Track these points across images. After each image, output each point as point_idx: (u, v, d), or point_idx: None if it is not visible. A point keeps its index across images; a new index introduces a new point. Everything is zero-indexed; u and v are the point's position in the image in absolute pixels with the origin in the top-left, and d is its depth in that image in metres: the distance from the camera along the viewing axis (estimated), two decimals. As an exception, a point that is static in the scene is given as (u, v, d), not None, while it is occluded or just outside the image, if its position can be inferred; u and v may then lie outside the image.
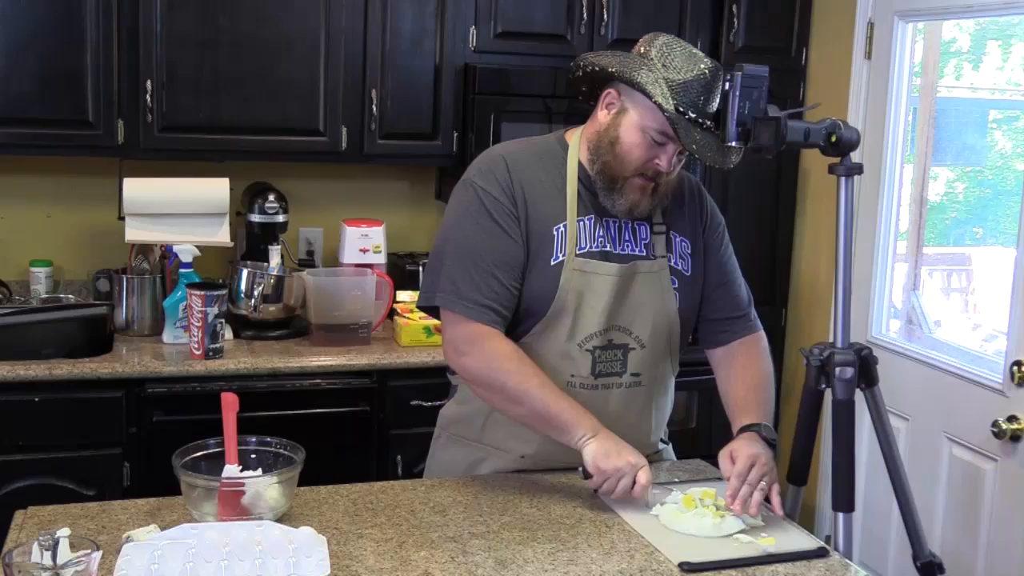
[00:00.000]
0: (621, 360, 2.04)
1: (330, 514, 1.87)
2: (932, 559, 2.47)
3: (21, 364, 2.78)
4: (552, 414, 1.91)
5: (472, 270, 1.95)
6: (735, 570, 1.72)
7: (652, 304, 2.05)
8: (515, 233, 1.96)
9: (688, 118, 1.90)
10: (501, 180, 1.98)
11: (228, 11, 3.11)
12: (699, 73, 1.91)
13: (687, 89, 1.90)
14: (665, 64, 1.91)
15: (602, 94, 2.00)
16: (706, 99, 1.92)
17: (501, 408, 2.00)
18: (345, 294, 3.15)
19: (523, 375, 1.92)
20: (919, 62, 3.43)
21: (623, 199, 1.97)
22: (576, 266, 1.98)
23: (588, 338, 2.00)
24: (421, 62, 3.32)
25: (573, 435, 1.90)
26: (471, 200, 1.99)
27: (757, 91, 2.26)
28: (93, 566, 1.46)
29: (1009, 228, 3.28)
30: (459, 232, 1.98)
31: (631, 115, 1.94)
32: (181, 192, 3.16)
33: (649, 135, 1.93)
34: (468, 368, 1.98)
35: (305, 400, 3.01)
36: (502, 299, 1.96)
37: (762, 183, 3.75)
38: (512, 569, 1.68)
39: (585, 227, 2.00)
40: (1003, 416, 2.78)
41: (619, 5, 3.45)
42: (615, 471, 1.87)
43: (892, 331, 3.47)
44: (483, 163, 2.02)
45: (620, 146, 1.95)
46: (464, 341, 1.96)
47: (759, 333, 2.23)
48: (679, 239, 2.10)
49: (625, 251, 2.03)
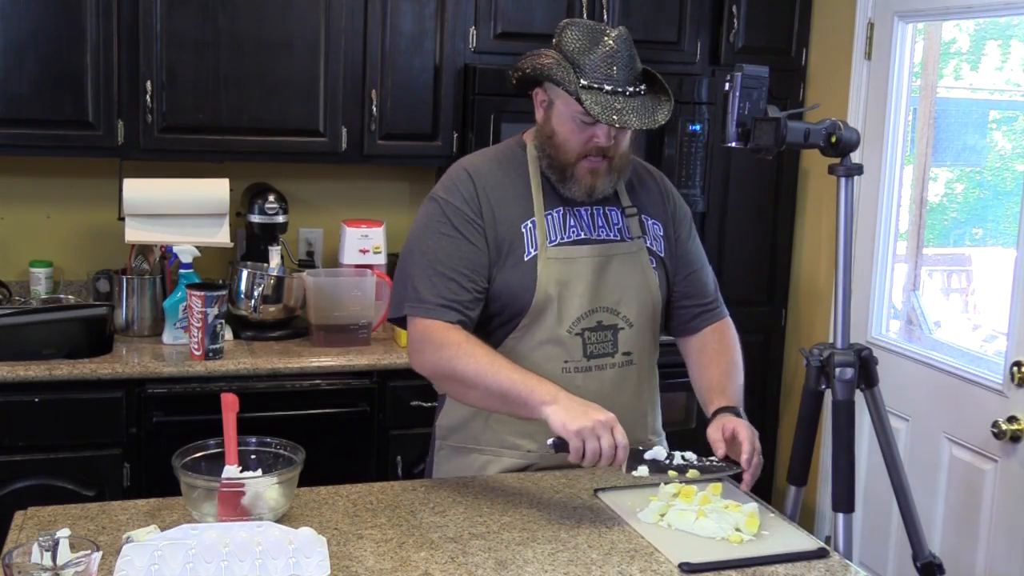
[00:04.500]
0: (612, 340, 2.08)
1: (330, 514, 1.87)
2: (932, 559, 2.47)
3: (21, 364, 2.79)
4: (505, 388, 1.88)
5: (433, 276, 2.00)
6: (735, 570, 1.72)
7: (635, 284, 2.10)
8: (476, 239, 2.02)
9: (605, 91, 1.94)
10: (465, 192, 2.05)
11: (228, 11, 3.11)
12: (605, 47, 1.96)
13: (597, 65, 1.95)
14: (572, 48, 1.97)
15: (534, 95, 2.08)
16: (619, 68, 1.97)
17: (460, 397, 2.03)
18: (345, 295, 3.15)
19: (473, 356, 1.92)
20: (919, 62, 3.43)
21: (577, 185, 2.04)
22: (550, 255, 2.03)
23: (576, 322, 2.04)
24: (421, 62, 3.32)
25: (532, 404, 1.85)
26: (434, 212, 2.06)
27: (757, 91, 2.27)
28: (93, 566, 1.46)
29: (1009, 229, 3.28)
30: (423, 243, 2.05)
31: (558, 107, 2.02)
32: (181, 193, 3.16)
33: (577, 119, 1.99)
34: (424, 364, 2.01)
35: (305, 401, 3.01)
36: (462, 300, 2.00)
37: (762, 183, 3.75)
38: (512, 569, 1.68)
39: (555, 220, 2.06)
40: (1003, 417, 2.78)
41: (619, 5, 3.45)
42: (589, 431, 1.78)
43: (892, 331, 3.48)
44: (447, 178, 2.09)
45: (557, 137, 2.03)
46: (419, 340, 2.00)
47: (728, 319, 2.28)
48: (651, 222, 2.17)
49: (601, 236, 2.09)
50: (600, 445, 1.79)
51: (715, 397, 2.11)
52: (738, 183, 3.71)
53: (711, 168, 3.62)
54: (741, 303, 3.78)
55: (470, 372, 1.92)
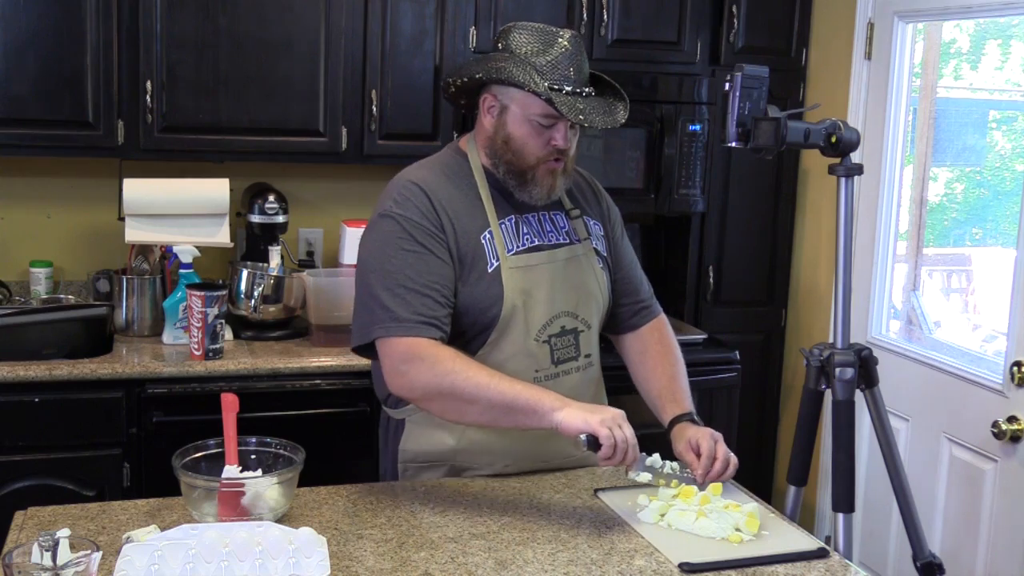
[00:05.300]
0: (575, 344, 2.08)
1: (330, 514, 1.87)
2: (932, 559, 2.47)
3: (21, 364, 2.78)
4: (509, 399, 1.84)
5: (405, 294, 1.92)
6: (735, 570, 1.72)
7: (589, 285, 2.11)
8: (441, 253, 1.96)
9: (565, 92, 1.94)
10: (421, 206, 1.98)
11: (228, 11, 3.11)
12: (560, 48, 1.96)
13: (555, 66, 1.94)
14: (526, 51, 1.96)
15: (481, 101, 2.04)
16: (576, 69, 1.97)
17: (457, 416, 1.94)
18: (345, 295, 3.15)
19: (469, 371, 1.87)
20: (919, 62, 3.43)
21: (538, 187, 2.02)
22: (512, 264, 2.01)
23: (542, 329, 2.03)
24: (421, 62, 3.32)
25: (542, 412, 1.83)
26: (392, 229, 1.97)
27: (757, 91, 2.27)
28: (93, 567, 1.46)
29: (1009, 229, 3.28)
30: (385, 263, 1.95)
31: (513, 110, 1.99)
32: (181, 193, 3.16)
33: (535, 121, 1.97)
34: (414, 384, 1.90)
35: (305, 401, 3.01)
36: (439, 315, 1.93)
37: (762, 183, 3.75)
38: (512, 569, 1.68)
39: (508, 229, 2.04)
40: (1003, 417, 2.78)
41: (619, 5, 3.45)
42: (611, 421, 1.79)
43: (892, 332, 3.48)
44: (397, 194, 2.00)
45: (514, 142, 2.00)
46: (402, 360, 1.91)
47: (663, 315, 2.30)
48: (592, 222, 2.17)
49: (552, 241, 2.08)
50: (625, 433, 1.80)
51: (667, 405, 2.12)
52: (738, 183, 3.71)
53: (711, 168, 3.62)
54: (741, 303, 3.80)
55: (470, 387, 1.85)
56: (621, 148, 3.48)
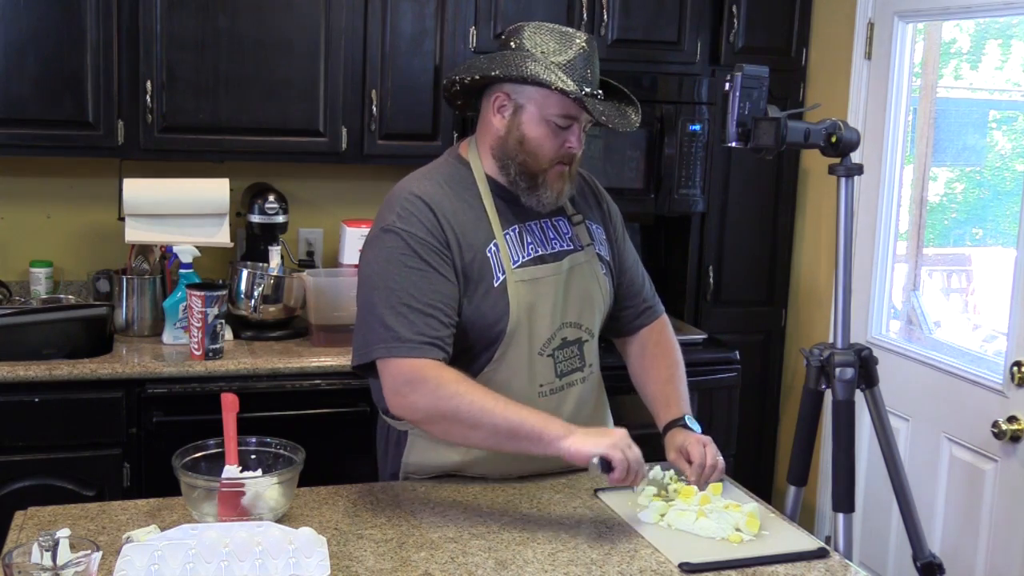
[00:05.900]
0: (579, 355, 2.06)
1: (330, 514, 1.87)
2: (932, 559, 2.47)
3: (21, 364, 2.78)
4: (515, 425, 1.81)
5: (408, 313, 1.86)
6: (735, 570, 1.72)
7: (592, 292, 2.07)
8: (446, 271, 1.90)
9: (586, 93, 1.90)
10: (426, 221, 1.91)
11: (228, 11, 3.11)
12: (579, 49, 1.92)
13: (574, 67, 1.90)
14: (544, 51, 1.91)
15: (489, 100, 1.98)
16: (592, 71, 1.93)
17: (460, 439, 1.91)
18: (345, 295, 3.15)
19: (474, 395, 1.82)
20: (919, 62, 3.43)
21: (548, 191, 1.97)
22: (518, 278, 1.96)
23: (547, 343, 2.00)
24: (421, 62, 3.32)
25: (548, 439, 1.80)
26: (396, 245, 1.90)
27: (757, 91, 2.27)
28: (93, 566, 1.46)
29: (1009, 229, 3.28)
30: (388, 279, 1.89)
31: (529, 110, 1.93)
32: (181, 193, 3.16)
33: (553, 123, 1.92)
34: (416, 406, 1.86)
35: (305, 400, 3.01)
36: (442, 336, 1.88)
37: (762, 183, 3.75)
38: (512, 569, 1.68)
39: (512, 239, 1.99)
40: (1003, 417, 2.78)
41: (619, 5, 3.45)
42: (620, 443, 1.79)
43: (892, 331, 3.48)
44: (400, 208, 1.94)
45: (529, 143, 1.94)
46: (405, 382, 1.85)
47: (664, 316, 2.27)
48: (594, 226, 2.14)
49: (555, 249, 2.04)
50: (636, 454, 1.80)
51: (661, 411, 2.11)
52: (738, 183, 3.71)
53: (711, 168, 3.62)
54: (741, 303, 3.80)
55: (475, 411, 1.81)
56: (621, 148, 3.48)
